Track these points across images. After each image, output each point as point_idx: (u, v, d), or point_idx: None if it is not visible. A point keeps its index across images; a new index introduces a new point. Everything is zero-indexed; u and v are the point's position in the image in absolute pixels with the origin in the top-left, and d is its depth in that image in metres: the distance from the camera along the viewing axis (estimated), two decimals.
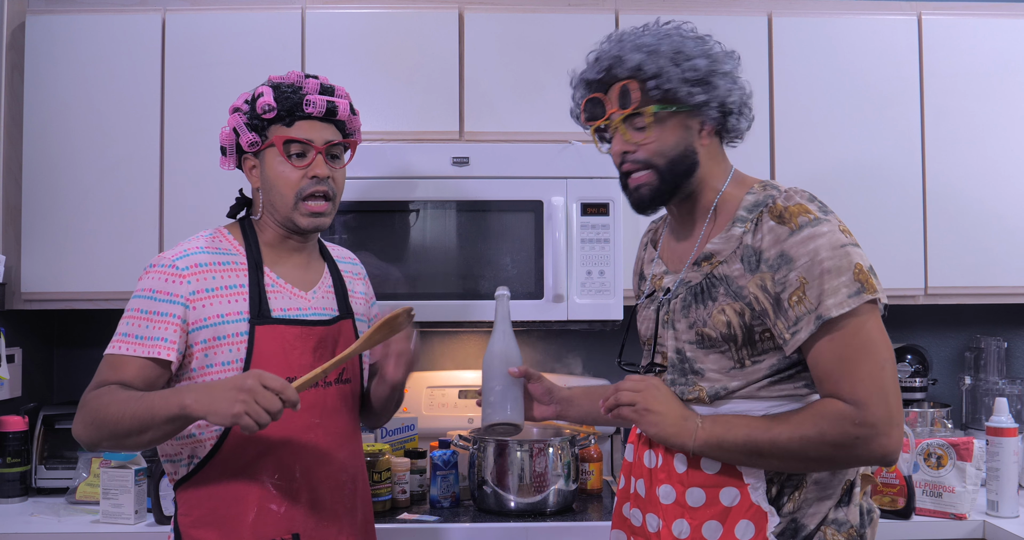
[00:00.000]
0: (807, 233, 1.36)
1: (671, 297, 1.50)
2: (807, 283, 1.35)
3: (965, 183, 2.50)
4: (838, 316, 1.33)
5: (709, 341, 1.43)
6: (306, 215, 1.64)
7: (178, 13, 2.44)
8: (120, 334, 1.57)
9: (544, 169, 2.34)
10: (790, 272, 1.36)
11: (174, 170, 2.41)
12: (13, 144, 2.42)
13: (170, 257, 1.60)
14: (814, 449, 1.34)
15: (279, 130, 1.64)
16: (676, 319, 1.48)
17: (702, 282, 1.46)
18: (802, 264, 1.35)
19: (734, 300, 1.41)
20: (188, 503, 1.59)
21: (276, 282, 1.64)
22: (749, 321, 1.40)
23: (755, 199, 1.45)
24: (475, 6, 2.48)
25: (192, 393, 1.44)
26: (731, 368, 1.43)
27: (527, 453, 2.21)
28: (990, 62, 2.51)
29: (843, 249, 1.36)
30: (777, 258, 1.37)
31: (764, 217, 1.41)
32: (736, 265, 1.42)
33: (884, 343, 1.36)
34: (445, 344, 2.82)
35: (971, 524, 2.17)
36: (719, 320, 1.42)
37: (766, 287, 1.38)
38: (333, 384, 1.65)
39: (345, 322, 1.70)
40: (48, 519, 2.20)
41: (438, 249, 2.35)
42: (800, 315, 1.35)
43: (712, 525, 1.42)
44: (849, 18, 2.52)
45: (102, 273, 2.38)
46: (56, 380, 2.75)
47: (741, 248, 1.42)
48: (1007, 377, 2.68)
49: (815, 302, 1.34)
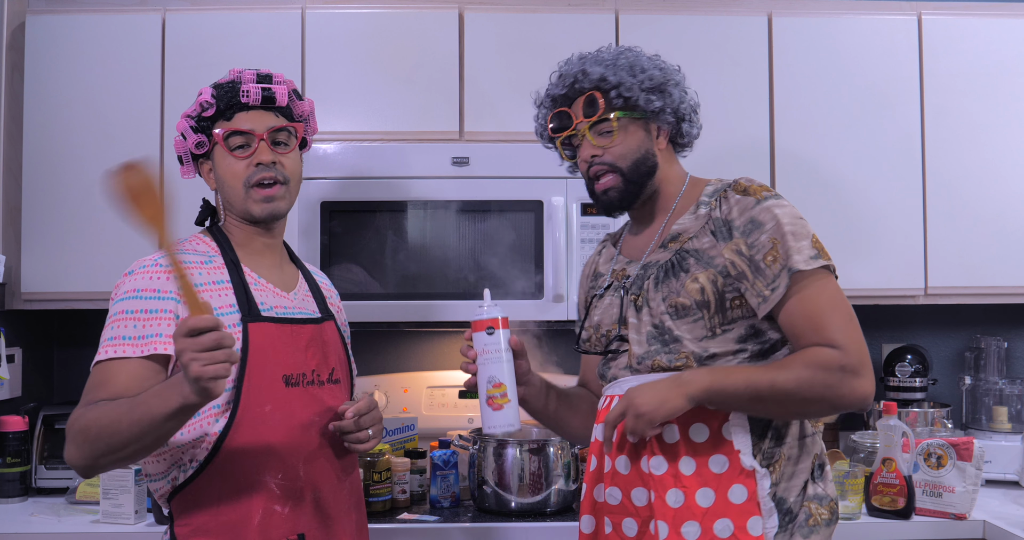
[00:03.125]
0: (771, 202, 1.51)
1: (643, 279, 1.59)
2: (778, 242, 1.48)
3: (965, 183, 2.50)
4: (806, 271, 1.45)
5: (684, 309, 1.52)
6: (258, 201, 1.62)
7: (178, 13, 2.44)
8: (106, 340, 1.51)
9: (544, 169, 2.34)
10: (761, 235, 1.49)
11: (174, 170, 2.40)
12: (13, 144, 2.42)
13: (151, 259, 1.57)
14: (808, 390, 1.43)
15: (221, 125, 1.64)
16: (650, 298, 1.56)
17: (672, 258, 1.57)
18: (770, 227, 1.48)
19: (706, 268, 1.52)
20: (186, 511, 1.53)
21: (258, 281, 1.64)
22: (721, 287, 1.51)
23: (714, 188, 1.59)
24: (475, 6, 2.48)
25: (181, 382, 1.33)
26: (704, 337, 1.52)
27: (527, 453, 2.21)
28: (990, 62, 2.51)
29: (801, 220, 1.51)
30: (747, 224, 1.51)
31: (729, 193, 1.55)
32: (706, 238, 1.54)
33: (846, 301, 1.49)
34: (445, 344, 2.82)
35: (971, 524, 2.16)
36: (692, 288, 1.52)
37: (741, 251, 1.50)
38: (326, 383, 1.66)
39: (329, 323, 1.70)
40: (48, 519, 2.20)
41: (438, 249, 2.35)
42: (777, 272, 1.47)
43: (704, 492, 1.48)
44: (849, 18, 2.52)
45: (102, 273, 2.37)
46: (56, 380, 2.75)
47: (709, 223, 1.55)
48: (1007, 377, 2.68)
49: (785, 258, 1.46)
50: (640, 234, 1.67)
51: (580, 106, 1.60)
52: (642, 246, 1.65)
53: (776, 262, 1.47)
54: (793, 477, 1.51)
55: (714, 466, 1.49)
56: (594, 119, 1.59)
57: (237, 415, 1.51)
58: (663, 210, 1.64)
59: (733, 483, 1.48)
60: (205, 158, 1.69)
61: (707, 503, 1.47)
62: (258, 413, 1.53)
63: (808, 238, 1.49)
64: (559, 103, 1.64)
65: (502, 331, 1.63)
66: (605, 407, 1.61)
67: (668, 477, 1.50)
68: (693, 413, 1.48)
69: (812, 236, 1.50)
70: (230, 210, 1.67)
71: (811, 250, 1.48)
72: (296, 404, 1.58)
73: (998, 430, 2.57)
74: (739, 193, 1.54)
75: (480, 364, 1.64)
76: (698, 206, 1.58)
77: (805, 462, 1.53)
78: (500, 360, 1.62)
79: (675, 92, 1.60)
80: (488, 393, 1.61)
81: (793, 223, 1.49)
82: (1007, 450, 2.51)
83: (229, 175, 1.63)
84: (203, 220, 1.71)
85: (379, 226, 2.35)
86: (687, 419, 1.49)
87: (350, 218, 2.33)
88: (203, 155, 1.69)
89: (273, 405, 1.55)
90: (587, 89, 1.59)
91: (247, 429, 1.52)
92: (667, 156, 1.64)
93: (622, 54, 1.62)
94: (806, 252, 1.47)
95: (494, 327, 1.63)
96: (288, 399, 1.57)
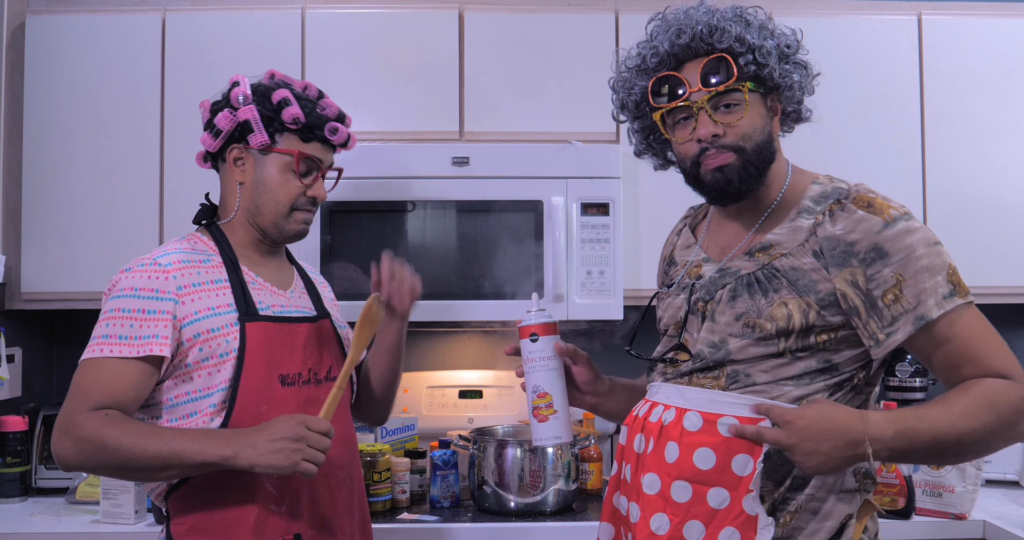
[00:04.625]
0: (902, 227, 1.29)
1: (716, 287, 1.40)
2: (904, 281, 1.28)
3: (965, 183, 2.50)
4: (938, 317, 1.28)
5: (761, 332, 1.33)
6: (297, 223, 1.66)
7: (178, 13, 2.44)
8: (100, 337, 1.49)
9: (544, 169, 2.35)
10: (884, 268, 1.28)
11: (174, 170, 2.41)
12: (13, 144, 2.42)
13: (149, 257, 1.55)
14: (993, 435, 1.26)
15: (294, 142, 1.63)
16: (719, 310, 1.38)
17: (757, 273, 1.36)
18: (898, 259, 1.28)
19: (800, 295, 1.32)
20: (182, 510, 1.53)
21: (256, 280, 1.63)
22: (812, 319, 1.32)
23: (822, 190, 1.37)
24: (475, 6, 2.48)
25: (231, 443, 1.43)
26: (765, 357, 1.33)
27: (527, 453, 2.21)
28: (990, 62, 2.51)
29: (937, 247, 1.30)
30: (870, 251, 1.29)
31: (846, 206, 1.32)
32: (806, 258, 1.33)
33: (990, 328, 1.33)
34: (445, 344, 2.82)
35: (971, 524, 2.16)
36: (779, 314, 1.32)
37: (857, 283, 1.30)
38: (323, 381, 1.66)
39: (324, 321, 1.71)
40: (48, 519, 2.20)
41: (438, 249, 2.36)
42: (897, 315, 1.28)
43: (695, 526, 1.31)
44: (849, 18, 2.52)
45: (102, 273, 2.36)
46: (56, 380, 2.75)
47: (814, 240, 1.33)
48: None
49: (914, 301, 1.28)
50: (725, 229, 1.45)
51: (698, 71, 1.34)
52: (724, 245, 1.44)
53: (898, 303, 1.28)
54: (807, 535, 1.31)
55: (712, 499, 1.31)
56: (721, 88, 1.33)
57: (233, 415, 1.52)
58: (759, 207, 1.42)
59: (727, 524, 1.29)
60: (244, 148, 1.64)
61: (696, 538, 1.31)
62: (254, 413, 1.53)
63: (943, 271, 1.28)
64: (666, 64, 1.37)
65: (546, 338, 1.50)
66: (643, 415, 1.43)
67: (658, 499, 1.35)
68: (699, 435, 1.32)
69: (948, 267, 1.29)
70: (252, 213, 1.65)
71: (946, 286, 1.28)
72: (292, 404, 1.58)
73: None
74: (862, 208, 1.31)
75: (526, 372, 1.52)
76: (799, 214, 1.36)
77: (833, 520, 1.31)
78: (546, 368, 1.50)
79: (806, 65, 1.40)
80: (533, 403, 1.49)
81: (928, 254, 1.28)
82: (1007, 450, 2.51)
83: (282, 191, 1.63)
84: (200, 220, 1.70)
85: (379, 226, 2.35)
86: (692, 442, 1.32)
87: (350, 218, 2.33)
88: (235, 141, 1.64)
89: (269, 405, 1.55)
90: (719, 49, 1.33)
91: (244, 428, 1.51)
92: (778, 142, 1.42)
93: (747, 10, 1.37)
94: (940, 291, 1.28)
95: (538, 334, 1.50)
96: (284, 399, 1.57)
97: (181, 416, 1.52)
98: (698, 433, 1.34)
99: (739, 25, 1.34)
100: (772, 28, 1.38)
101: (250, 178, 1.64)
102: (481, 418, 2.63)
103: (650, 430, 1.39)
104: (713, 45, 1.34)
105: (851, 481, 1.34)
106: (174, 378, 1.53)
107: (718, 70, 1.33)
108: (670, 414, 1.38)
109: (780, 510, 1.32)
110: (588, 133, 2.44)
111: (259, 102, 1.62)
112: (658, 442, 1.37)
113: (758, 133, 1.36)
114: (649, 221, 2.42)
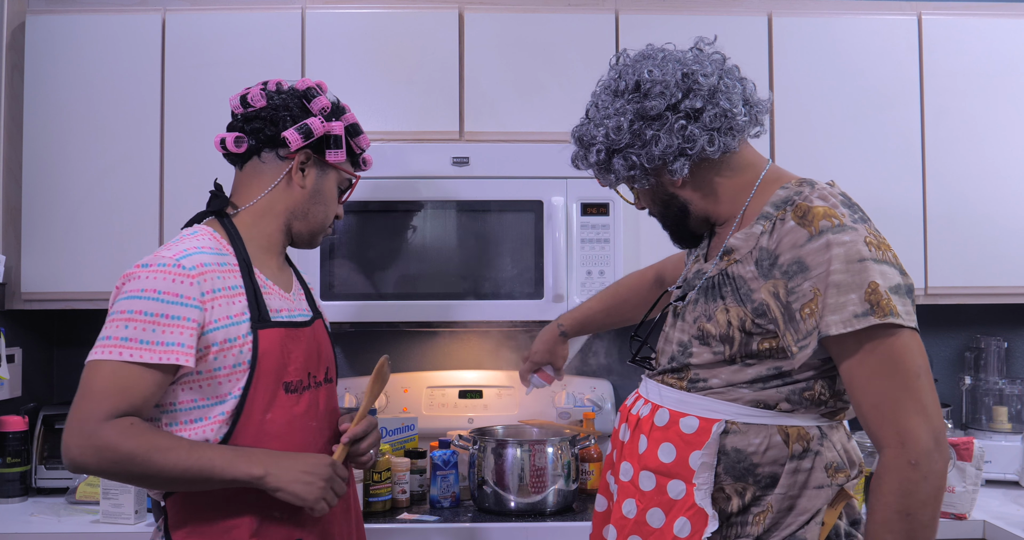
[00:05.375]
0: (825, 240, 1.28)
1: (689, 287, 1.49)
2: (820, 295, 1.28)
3: (965, 183, 2.50)
4: (839, 335, 1.26)
5: (707, 337, 1.40)
6: (326, 236, 1.76)
7: (178, 13, 2.44)
8: (118, 338, 1.44)
9: (544, 169, 2.35)
10: (804, 281, 1.29)
11: (174, 170, 2.41)
12: (13, 144, 2.42)
13: (171, 256, 1.49)
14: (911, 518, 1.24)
15: (346, 167, 1.71)
16: (688, 311, 1.46)
17: (715, 277, 1.42)
18: (816, 274, 1.28)
19: (739, 304, 1.37)
20: (181, 511, 1.51)
21: (266, 283, 1.61)
22: (749, 328, 1.36)
23: (785, 195, 1.38)
24: (475, 6, 2.48)
25: (263, 463, 1.45)
26: (717, 363, 1.39)
27: (527, 453, 2.21)
28: (990, 62, 2.51)
29: (860, 264, 1.27)
30: (792, 264, 1.31)
31: (787, 217, 1.34)
32: (750, 266, 1.37)
33: (905, 362, 1.26)
34: (445, 344, 2.82)
35: (971, 524, 2.17)
36: (721, 319, 1.39)
37: (778, 295, 1.33)
38: (321, 384, 1.65)
39: (318, 322, 1.70)
40: (48, 519, 2.20)
41: (438, 249, 2.36)
42: (811, 329, 1.29)
43: (656, 513, 1.42)
44: (849, 18, 2.52)
45: (102, 273, 2.37)
46: (56, 380, 2.75)
47: (757, 250, 1.36)
48: (1007, 377, 2.68)
49: (820, 317, 1.28)
50: (720, 234, 1.49)
51: None
52: (715, 249, 1.49)
53: (812, 317, 1.28)
54: (783, 528, 1.36)
55: (671, 490, 1.41)
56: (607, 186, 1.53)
57: (239, 422, 1.51)
58: (733, 217, 1.46)
59: (681, 515, 1.38)
60: (312, 159, 1.64)
61: (657, 524, 1.42)
62: (259, 422, 1.52)
63: (860, 289, 1.25)
64: None
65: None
66: (630, 406, 1.55)
67: (629, 485, 1.46)
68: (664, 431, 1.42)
69: (867, 285, 1.25)
70: (297, 217, 1.66)
71: (860, 305, 1.25)
72: (296, 410, 1.57)
73: (998, 430, 2.57)
74: (796, 219, 1.32)
75: None
76: (757, 220, 1.39)
77: (801, 516, 1.36)
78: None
79: (648, 134, 1.40)
80: None
81: (843, 269, 1.26)
82: (1007, 450, 2.51)
83: (332, 206, 1.71)
84: (212, 208, 1.64)
85: (379, 226, 2.35)
86: (659, 436, 1.43)
87: (350, 218, 2.33)
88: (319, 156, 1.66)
89: (274, 412, 1.54)
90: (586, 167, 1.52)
91: (248, 436, 1.51)
92: (700, 181, 1.45)
93: (594, 110, 1.48)
94: (849, 309, 1.25)
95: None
96: (288, 405, 1.56)
97: (183, 421, 1.50)
98: (663, 429, 1.44)
99: (579, 145, 1.50)
100: (606, 123, 1.44)
101: (310, 186, 1.65)
102: (481, 418, 2.63)
103: (631, 422, 1.52)
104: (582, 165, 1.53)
105: (822, 476, 1.36)
106: (181, 383, 1.49)
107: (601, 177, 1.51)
108: (647, 409, 1.49)
109: (755, 506, 1.37)
110: None
111: (337, 117, 1.67)
112: (633, 434, 1.49)
113: (656, 205, 1.52)
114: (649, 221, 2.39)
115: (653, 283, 1.88)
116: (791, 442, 1.36)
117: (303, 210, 1.66)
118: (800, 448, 1.36)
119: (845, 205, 1.35)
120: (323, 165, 1.66)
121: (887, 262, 1.29)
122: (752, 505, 1.38)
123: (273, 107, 1.62)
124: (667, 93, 1.39)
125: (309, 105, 1.63)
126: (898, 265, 1.31)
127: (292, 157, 1.63)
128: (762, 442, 1.36)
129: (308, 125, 1.60)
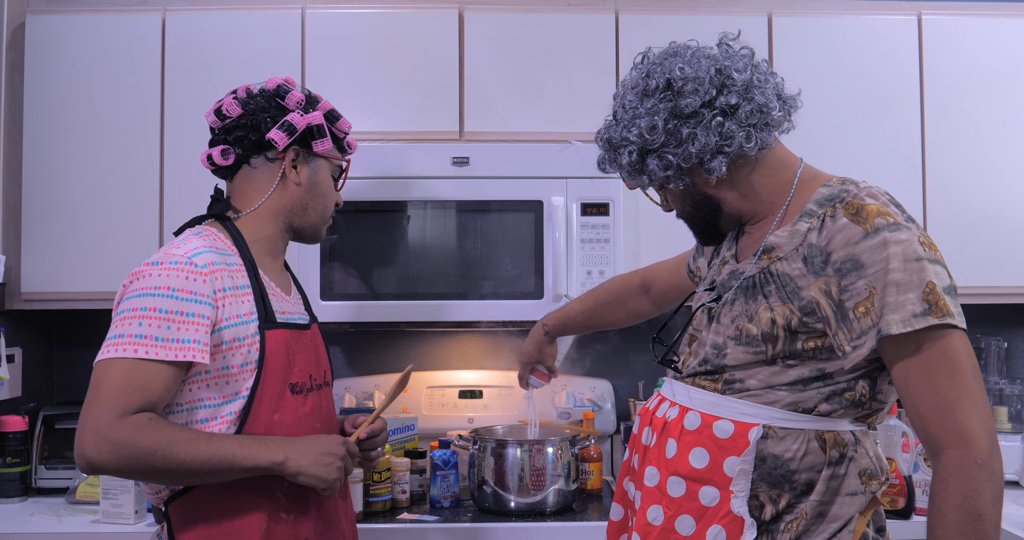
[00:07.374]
0: (882, 238, 1.27)
1: (725, 289, 1.44)
2: (876, 294, 1.25)
3: (965, 183, 2.50)
4: (899, 334, 1.24)
5: (748, 337, 1.36)
6: (328, 229, 1.76)
7: (178, 13, 2.44)
8: (132, 336, 1.42)
9: (544, 169, 2.35)
10: (859, 279, 1.27)
11: (174, 170, 2.41)
12: (13, 144, 2.42)
13: (182, 254, 1.48)
14: (977, 519, 1.20)
15: (335, 151, 1.71)
16: (724, 312, 1.42)
17: (756, 276, 1.39)
18: (873, 272, 1.26)
19: (784, 302, 1.34)
20: (186, 517, 1.50)
21: (269, 284, 1.62)
22: (795, 326, 1.33)
23: (829, 192, 1.37)
24: (475, 6, 2.48)
25: (282, 449, 1.47)
26: (756, 364, 1.36)
27: (527, 453, 2.21)
28: (990, 62, 2.51)
29: (918, 263, 1.25)
30: (846, 261, 1.28)
31: (837, 213, 1.32)
32: (796, 264, 1.34)
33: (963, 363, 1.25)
34: (445, 344, 2.82)
35: None
36: (764, 318, 1.35)
37: (830, 292, 1.30)
38: (322, 386, 1.66)
39: (315, 325, 1.72)
40: (48, 519, 2.20)
41: (438, 249, 2.36)
42: (866, 328, 1.27)
43: (685, 520, 1.37)
44: (849, 18, 2.52)
45: (102, 273, 2.37)
46: (56, 380, 2.75)
47: (805, 246, 1.33)
48: (1007, 377, 2.68)
49: (878, 315, 1.25)
50: (753, 233, 1.46)
51: None
52: (747, 249, 1.46)
53: (868, 316, 1.26)
54: (815, 535, 1.34)
55: (703, 497, 1.37)
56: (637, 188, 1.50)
57: (248, 422, 1.51)
58: (770, 215, 1.43)
59: (714, 522, 1.35)
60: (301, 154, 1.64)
61: (687, 532, 1.37)
62: (267, 422, 1.52)
63: (918, 288, 1.24)
64: None
65: None
66: (653, 409, 1.50)
67: (655, 491, 1.41)
68: (696, 435, 1.38)
69: (926, 285, 1.24)
70: (296, 213, 1.66)
71: (919, 305, 1.23)
72: (302, 411, 1.58)
73: (998, 430, 2.57)
74: (849, 216, 1.30)
75: None
76: (800, 217, 1.36)
77: (833, 523, 1.33)
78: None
79: (684, 132, 1.37)
80: None
81: (902, 268, 1.25)
82: (1007, 450, 2.50)
83: (330, 196, 1.71)
84: (214, 212, 1.64)
85: (379, 226, 2.35)
86: (690, 441, 1.39)
87: (350, 218, 2.33)
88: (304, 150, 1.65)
89: (282, 413, 1.54)
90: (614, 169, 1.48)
91: None
92: (736, 179, 1.42)
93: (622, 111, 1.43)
94: (908, 309, 1.23)
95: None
96: (294, 407, 1.57)
97: (190, 421, 1.50)
98: (695, 433, 1.40)
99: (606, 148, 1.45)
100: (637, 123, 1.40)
101: (305, 180, 1.65)
102: (481, 418, 2.64)
103: (656, 425, 1.46)
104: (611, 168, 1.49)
105: (856, 483, 1.35)
106: (190, 382, 1.49)
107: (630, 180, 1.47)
108: (674, 411, 1.44)
109: (788, 513, 1.35)
110: (588, 133, 2.42)
111: (314, 108, 1.67)
112: (660, 437, 1.44)
113: (687, 205, 1.48)
114: (649, 221, 2.42)
115: (638, 289, 1.88)
116: (828, 448, 1.34)
117: (303, 206, 1.66)
118: (837, 454, 1.34)
119: (893, 204, 1.34)
120: (313, 157, 1.67)
121: (939, 262, 1.29)
122: (785, 512, 1.35)
123: (250, 112, 1.62)
124: (701, 90, 1.37)
125: (284, 102, 1.64)
126: (946, 266, 1.30)
127: (282, 157, 1.63)
128: (800, 448, 1.34)
129: (289, 121, 1.61)
